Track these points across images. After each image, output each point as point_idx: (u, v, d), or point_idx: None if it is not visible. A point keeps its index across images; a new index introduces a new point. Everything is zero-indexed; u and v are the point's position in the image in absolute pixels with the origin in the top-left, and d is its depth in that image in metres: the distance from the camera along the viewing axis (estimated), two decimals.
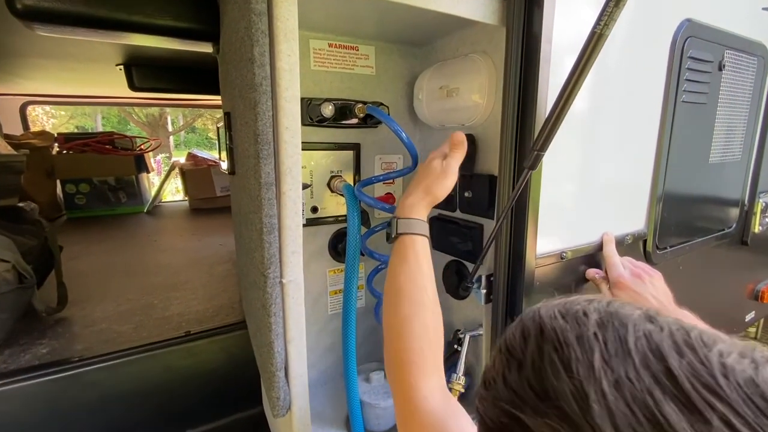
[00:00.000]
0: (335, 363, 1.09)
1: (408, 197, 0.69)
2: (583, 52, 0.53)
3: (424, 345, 0.56)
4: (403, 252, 0.63)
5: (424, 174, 0.71)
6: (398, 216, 0.67)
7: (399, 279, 0.61)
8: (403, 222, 0.66)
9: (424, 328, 0.58)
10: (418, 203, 0.68)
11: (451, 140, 0.72)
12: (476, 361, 0.97)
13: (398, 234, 0.65)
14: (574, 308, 0.28)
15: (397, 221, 0.66)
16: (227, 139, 0.93)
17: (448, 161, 0.70)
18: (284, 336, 0.62)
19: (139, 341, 1.20)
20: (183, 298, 1.62)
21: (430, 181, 0.69)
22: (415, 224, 0.66)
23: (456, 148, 0.72)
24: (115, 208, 3.44)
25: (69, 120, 12.64)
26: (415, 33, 0.91)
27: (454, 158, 0.71)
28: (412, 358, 0.54)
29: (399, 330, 0.57)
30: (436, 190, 0.69)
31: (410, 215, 0.66)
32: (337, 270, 1.04)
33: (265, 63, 0.54)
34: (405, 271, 0.62)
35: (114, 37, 1.14)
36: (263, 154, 0.56)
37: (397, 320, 0.58)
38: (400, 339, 0.56)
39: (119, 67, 2.03)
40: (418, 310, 0.59)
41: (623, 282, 0.79)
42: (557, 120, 0.59)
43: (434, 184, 0.69)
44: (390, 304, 0.61)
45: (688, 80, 0.94)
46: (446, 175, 0.69)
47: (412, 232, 0.65)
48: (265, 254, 0.58)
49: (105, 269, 2.02)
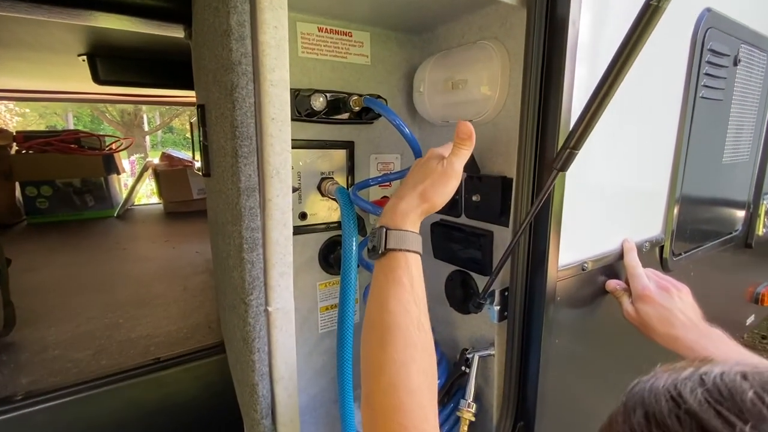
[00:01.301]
0: (327, 386, 0.98)
1: (400, 202, 0.55)
2: (633, 30, 0.44)
3: (424, 400, 0.45)
4: (395, 273, 0.51)
5: (420, 174, 0.57)
6: (388, 226, 0.53)
7: (389, 308, 0.48)
8: (395, 234, 0.52)
9: (423, 375, 0.46)
10: (412, 211, 0.55)
11: (457, 132, 0.57)
12: (486, 384, 0.87)
13: (388, 249, 0.52)
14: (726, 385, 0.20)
15: (386, 233, 0.52)
16: (201, 135, 0.80)
17: (450, 159, 0.57)
18: (270, 376, 0.50)
19: (99, 371, 1.03)
20: (153, 316, 1.45)
21: (427, 185, 0.55)
22: (410, 238, 0.53)
23: (462, 143, 0.57)
24: (82, 212, 3.20)
25: (38, 119, 11.98)
26: (416, 17, 0.81)
27: (459, 156, 0.57)
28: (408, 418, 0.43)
29: (392, 379, 0.45)
30: (435, 196, 0.55)
31: (403, 226, 0.53)
32: (328, 283, 0.93)
33: (244, 35, 0.42)
34: (398, 299, 0.49)
35: (73, 16, 0.99)
36: (243, 152, 0.44)
37: (388, 364, 0.46)
38: (394, 392, 0.44)
39: (82, 58, 1.85)
40: (414, 354, 0.46)
41: (649, 295, 0.72)
42: (596, 113, 0.50)
43: (432, 188, 0.55)
44: (376, 340, 0.48)
45: (707, 74, 0.88)
46: (448, 178, 0.56)
47: (406, 249, 0.52)
48: (245, 276, 0.47)
49: (65, 282, 1.83)
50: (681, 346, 0.67)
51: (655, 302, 0.71)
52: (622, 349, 0.92)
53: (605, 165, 0.78)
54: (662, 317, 0.70)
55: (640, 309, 0.73)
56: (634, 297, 0.74)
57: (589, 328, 0.84)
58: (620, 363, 0.95)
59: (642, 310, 0.72)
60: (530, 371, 0.76)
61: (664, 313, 0.70)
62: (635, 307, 0.74)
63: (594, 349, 0.87)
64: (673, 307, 0.70)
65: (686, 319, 0.69)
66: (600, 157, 0.77)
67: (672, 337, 0.68)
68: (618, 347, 0.91)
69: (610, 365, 0.93)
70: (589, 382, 0.91)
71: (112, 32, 1.42)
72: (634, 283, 0.75)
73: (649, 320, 0.70)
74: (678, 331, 0.68)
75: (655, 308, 0.71)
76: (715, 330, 0.67)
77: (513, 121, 0.73)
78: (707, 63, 0.87)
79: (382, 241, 0.52)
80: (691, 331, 0.67)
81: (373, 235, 0.54)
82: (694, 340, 0.66)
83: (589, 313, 0.82)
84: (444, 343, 0.98)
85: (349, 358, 0.71)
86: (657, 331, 0.70)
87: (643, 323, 0.72)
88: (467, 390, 0.84)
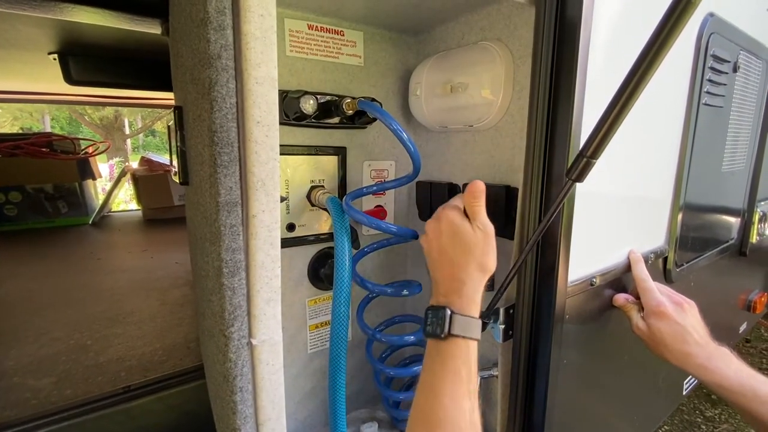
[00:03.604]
0: (317, 410, 0.91)
1: (463, 286, 0.52)
2: (663, 26, 0.39)
3: None
4: (454, 363, 0.48)
5: (464, 247, 0.55)
6: (453, 308, 0.50)
7: (443, 402, 0.46)
8: (460, 320, 0.50)
9: None
10: (479, 292, 0.53)
11: (472, 192, 0.55)
12: (488, 406, 0.82)
13: (451, 335, 0.49)
14: None
15: (452, 317, 0.50)
16: (178, 139, 0.73)
17: (480, 220, 0.55)
18: (255, 418, 0.44)
19: (60, 403, 0.92)
20: (126, 335, 1.33)
21: (478, 255, 0.53)
22: (475, 325, 0.51)
23: (477, 201, 0.55)
24: (54, 219, 3.03)
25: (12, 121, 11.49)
26: (413, 16, 0.76)
27: (481, 211, 0.55)
28: None
29: None
30: (491, 262, 0.54)
31: (470, 311, 0.51)
32: (318, 299, 0.86)
33: (224, 25, 0.36)
34: (452, 394, 0.46)
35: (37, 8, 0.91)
36: (222, 161, 0.38)
37: None
38: None
39: (53, 56, 1.74)
40: None
41: (664, 311, 0.68)
42: (618, 117, 0.45)
43: (487, 257, 0.54)
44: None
45: (709, 81, 0.85)
46: (491, 238, 0.55)
47: (470, 337, 0.50)
48: (225, 305, 0.40)
49: (30, 297, 1.69)
50: (692, 364, 0.65)
51: (670, 318, 0.67)
52: (634, 367, 0.88)
53: (610, 173, 0.74)
54: (676, 334, 0.67)
55: (652, 324, 0.69)
56: (647, 312, 0.70)
57: (599, 347, 0.79)
58: (632, 381, 0.91)
59: (655, 325, 0.69)
60: (537, 393, 0.71)
61: (678, 330, 0.67)
62: (648, 322, 0.70)
63: (604, 368, 0.83)
64: (687, 323, 0.67)
65: (699, 337, 0.67)
66: (605, 165, 0.73)
67: (684, 354, 0.66)
68: (629, 365, 0.87)
69: (622, 384, 0.89)
70: (601, 403, 0.86)
71: (85, 28, 1.33)
72: (646, 298, 0.71)
73: (662, 336, 0.67)
74: (691, 348, 0.66)
75: (669, 324, 0.67)
76: (723, 348, 0.66)
77: (517, 127, 0.69)
78: (710, 69, 0.85)
79: (445, 325, 0.49)
80: (704, 349, 0.65)
81: (433, 315, 0.51)
82: (706, 357, 0.64)
83: (599, 330, 0.78)
84: None
85: (342, 380, 0.65)
86: (669, 347, 0.67)
87: (655, 339, 0.69)
88: None
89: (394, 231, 0.67)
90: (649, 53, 0.40)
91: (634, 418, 0.95)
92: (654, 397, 0.99)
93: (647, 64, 0.41)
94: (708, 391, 1.77)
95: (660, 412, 1.09)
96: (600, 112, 0.47)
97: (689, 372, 0.65)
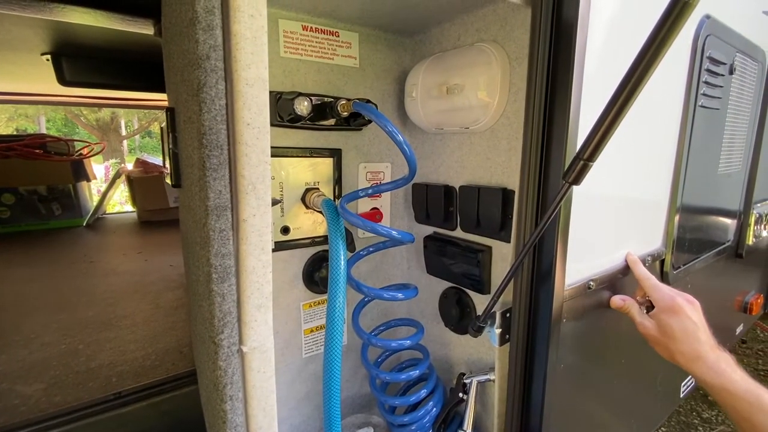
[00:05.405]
0: (312, 415, 0.89)
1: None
2: (659, 28, 0.39)
3: None
4: None
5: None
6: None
7: None
8: None
9: None
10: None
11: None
12: (484, 410, 0.81)
13: None
14: None
15: None
16: (170, 141, 0.71)
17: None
18: (246, 427, 0.42)
19: (50, 410, 0.89)
20: (118, 340, 1.31)
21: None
22: None
23: None
24: (48, 221, 3.00)
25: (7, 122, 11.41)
26: (408, 17, 0.75)
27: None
28: None
29: None
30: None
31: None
32: (313, 303, 0.85)
33: (213, 25, 0.35)
34: None
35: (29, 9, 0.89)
36: (211, 164, 0.37)
37: None
38: None
39: (46, 57, 1.72)
40: None
41: (681, 307, 0.64)
42: (615, 120, 0.45)
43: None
44: None
45: (706, 83, 0.85)
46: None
47: None
48: (215, 311, 0.39)
49: (22, 300, 1.66)
50: (702, 366, 0.61)
51: (683, 314, 0.64)
52: (632, 370, 0.88)
53: (607, 176, 0.74)
54: (688, 331, 0.63)
55: (663, 321, 0.65)
56: (660, 308, 0.67)
57: (596, 350, 0.79)
58: (630, 384, 0.90)
59: (666, 321, 0.64)
60: (534, 398, 0.70)
61: (690, 327, 0.63)
62: (658, 318, 0.66)
63: (601, 371, 0.82)
64: (699, 321, 0.64)
65: (707, 338, 0.63)
66: (602, 167, 0.73)
67: (695, 352, 0.62)
68: (627, 368, 0.86)
69: (619, 387, 0.88)
70: (598, 407, 0.86)
71: (78, 29, 1.31)
72: (657, 295, 0.68)
73: (673, 333, 0.64)
74: (702, 347, 0.62)
75: (682, 320, 0.63)
76: (724, 353, 0.62)
77: (513, 129, 0.68)
78: (706, 71, 0.85)
79: None
80: (714, 350, 0.62)
81: None
82: (715, 359, 0.60)
83: (596, 333, 0.77)
84: (438, 364, 0.92)
85: (337, 384, 0.64)
86: (680, 345, 0.63)
87: (665, 336, 0.65)
88: (465, 418, 0.77)
89: (389, 234, 0.66)
90: (646, 55, 0.40)
91: (631, 421, 0.94)
92: (651, 399, 0.98)
93: (644, 66, 0.40)
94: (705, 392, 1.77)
95: (657, 414, 1.08)
96: (596, 114, 0.47)
97: (695, 372, 0.62)
